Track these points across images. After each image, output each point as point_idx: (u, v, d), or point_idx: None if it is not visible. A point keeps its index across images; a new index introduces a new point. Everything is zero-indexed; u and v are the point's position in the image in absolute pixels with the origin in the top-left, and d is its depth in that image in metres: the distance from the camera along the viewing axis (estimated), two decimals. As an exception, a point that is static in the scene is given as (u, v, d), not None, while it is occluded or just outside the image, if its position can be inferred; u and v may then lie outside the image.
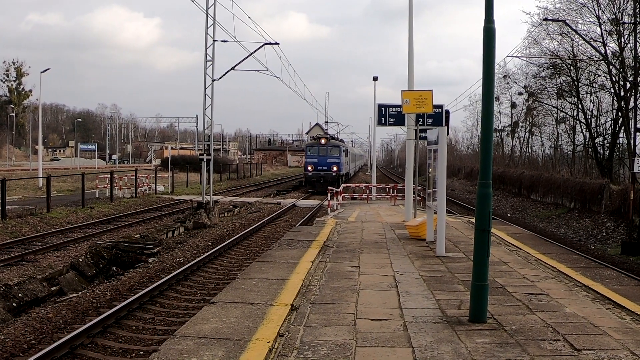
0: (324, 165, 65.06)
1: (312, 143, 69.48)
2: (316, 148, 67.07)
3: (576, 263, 16.11)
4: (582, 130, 58.46)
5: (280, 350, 8.56)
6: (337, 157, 66.60)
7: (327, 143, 67.30)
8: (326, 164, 65.25)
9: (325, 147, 66.73)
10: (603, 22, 47.82)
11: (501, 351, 8.52)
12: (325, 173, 64.64)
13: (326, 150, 66.49)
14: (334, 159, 66.16)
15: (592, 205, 39.15)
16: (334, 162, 65.81)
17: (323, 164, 65.22)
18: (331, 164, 65.36)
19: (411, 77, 26.57)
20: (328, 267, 14.91)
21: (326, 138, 68.78)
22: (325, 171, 64.82)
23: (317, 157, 65.85)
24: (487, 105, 10.28)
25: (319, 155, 65.99)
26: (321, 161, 65.47)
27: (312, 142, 70.58)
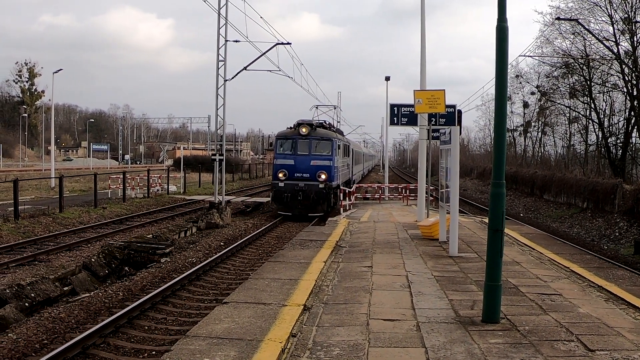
0: (305, 171, 37.58)
1: (286, 133, 39.31)
2: (292, 142, 38.40)
3: (589, 263, 16.05)
4: (595, 129, 58.28)
5: (292, 351, 8.55)
6: (327, 156, 38.36)
7: (312, 134, 38.49)
8: (308, 169, 37.68)
9: (308, 141, 38.30)
10: (615, 21, 47.68)
11: (514, 352, 8.49)
12: (308, 185, 37.12)
13: (309, 145, 38.30)
14: (323, 159, 38.15)
15: (605, 205, 38.99)
16: (323, 165, 37.89)
17: (303, 169, 37.73)
18: (317, 169, 37.56)
19: (423, 76, 26.53)
20: (340, 267, 14.90)
21: (310, 125, 38.89)
22: (307, 181, 37.32)
23: (294, 158, 37.91)
24: (500, 104, 10.23)
25: (296, 155, 37.97)
26: (300, 164, 37.80)
27: (286, 131, 39.75)
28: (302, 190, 37.03)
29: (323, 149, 38.41)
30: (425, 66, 26.82)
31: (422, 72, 26.72)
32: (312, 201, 37.11)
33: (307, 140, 38.25)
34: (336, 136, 40.90)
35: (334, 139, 38.97)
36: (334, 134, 41.31)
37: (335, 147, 38.67)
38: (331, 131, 42.10)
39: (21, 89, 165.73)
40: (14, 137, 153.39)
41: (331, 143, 38.50)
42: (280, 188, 37.34)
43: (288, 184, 37.31)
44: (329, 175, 37.63)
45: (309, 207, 37.10)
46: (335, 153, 38.71)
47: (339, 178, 40.95)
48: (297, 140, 38.11)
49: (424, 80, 26.44)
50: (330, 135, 39.42)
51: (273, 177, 39.07)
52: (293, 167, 37.56)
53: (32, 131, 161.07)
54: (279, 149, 38.65)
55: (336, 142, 39.36)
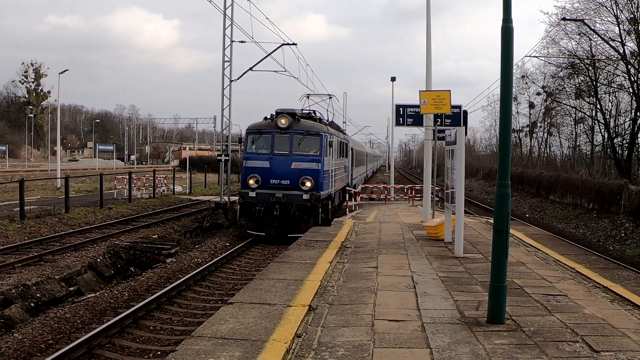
0: (284, 177, 29.35)
1: (260, 126, 30.91)
2: (267, 137, 30.29)
3: (595, 264, 16.02)
4: (601, 130, 58.21)
5: (297, 351, 8.55)
6: (314, 157, 29.81)
7: (294, 126, 30.06)
8: (289, 174, 29.37)
9: (289, 136, 29.98)
10: (621, 21, 47.63)
11: (519, 352, 8.48)
12: (288, 195, 28.92)
13: (290, 142, 29.94)
14: (309, 160, 29.65)
15: (610, 205, 38.93)
16: (308, 169, 29.48)
17: (282, 174, 29.39)
18: (301, 174, 29.28)
19: (429, 77, 26.51)
20: (346, 268, 14.89)
21: (291, 116, 30.35)
22: (286, 190, 29.07)
23: (270, 159, 29.66)
24: (506, 105, 10.23)
25: (272, 155, 29.72)
26: (278, 167, 29.54)
27: (260, 124, 31.19)
28: (280, 202, 28.21)
29: (309, 147, 29.51)
30: (430, 67, 26.81)
31: (427, 72, 26.70)
32: (293, 218, 28.03)
33: (287, 135, 29.37)
34: (327, 130, 31.41)
35: (323, 134, 29.86)
36: (325, 127, 31.70)
37: (324, 143, 29.69)
38: (322, 124, 32.57)
39: (27, 89, 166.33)
40: (20, 137, 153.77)
41: (320, 139, 29.51)
42: (250, 199, 28.48)
43: (261, 194, 28.40)
44: (316, 182, 28.67)
45: (289, 225, 28.04)
46: (325, 152, 29.84)
47: (331, 185, 31.79)
48: (275, 135, 29.31)
49: (430, 80, 26.43)
50: (319, 129, 30.10)
51: (241, 184, 29.53)
52: (268, 171, 28.71)
53: (38, 132, 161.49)
54: (249, 147, 29.83)
55: (327, 137, 30.21)
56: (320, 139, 29.80)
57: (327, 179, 30.68)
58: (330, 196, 32.27)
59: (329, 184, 31.28)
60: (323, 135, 30.06)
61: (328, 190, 31.30)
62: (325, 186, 30.33)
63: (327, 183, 30.90)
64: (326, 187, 30.59)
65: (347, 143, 43.72)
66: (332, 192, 32.52)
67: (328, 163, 30.94)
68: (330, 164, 31.69)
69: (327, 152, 30.55)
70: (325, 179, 30.14)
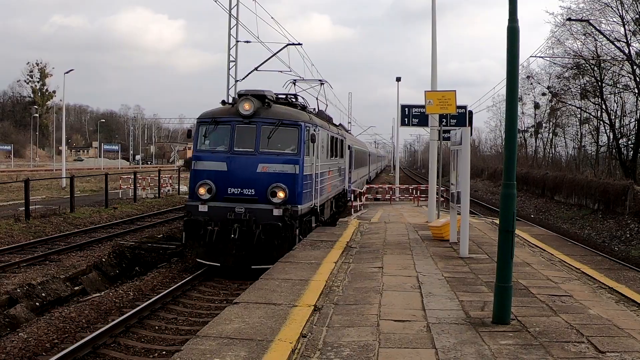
0: (248, 184, 21.05)
1: (217, 113, 22.23)
2: (225, 129, 21.86)
3: (600, 264, 16.00)
4: (606, 130, 58.08)
5: (303, 351, 8.56)
6: (289, 156, 21.54)
7: (262, 114, 21.57)
8: (254, 181, 21.06)
9: (255, 127, 21.45)
10: (627, 21, 47.53)
11: (525, 353, 8.47)
12: (252, 210, 20.62)
13: (256, 135, 21.39)
14: (282, 161, 21.42)
15: (616, 206, 38.86)
16: (281, 173, 21.19)
17: (244, 180, 21.08)
18: (271, 181, 20.97)
19: (434, 77, 26.50)
20: (351, 268, 14.89)
21: (258, 99, 21.72)
22: (250, 203, 20.77)
23: (228, 159, 21.34)
24: (511, 105, 10.23)
25: (231, 153, 21.35)
26: (239, 170, 21.27)
27: (217, 110, 22.52)
28: (241, 220, 20.11)
29: (284, 143, 21.48)
30: (436, 67, 26.79)
31: (432, 73, 26.69)
32: (259, 243, 19.95)
33: (252, 126, 21.12)
34: (311, 120, 23.14)
35: (304, 124, 21.61)
36: (307, 115, 23.57)
37: (304, 137, 21.37)
38: (303, 112, 24.49)
39: (32, 89, 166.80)
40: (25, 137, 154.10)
41: (298, 131, 21.33)
42: (199, 215, 20.52)
43: (215, 208, 20.56)
44: (292, 191, 20.67)
45: (253, 253, 20.20)
46: (306, 149, 21.67)
47: (315, 195, 23.18)
48: (235, 126, 21.22)
49: (435, 81, 26.41)
50: (298, 118, 21.89)
51: (189, 194, 21.82)
52: (225, 176, 20.84)
53: (43, 131, 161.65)
54: (200, 142, 21.88)
55: (309, 129, 21.95)
56: (299, 132, 21.29)
57: (309, 187, 22.11)
58: (314, 210, 23.23)
59: (311, 193, 22.61)
60: (303, 126, 21.49)
61: (310, 202, 22.55)
62: (307, 197, 21.83)
63: (309, 192, 22.37)
64: (307, 198, 22.01)
65: (343, 140, 35.21)
66: (317, 204, 23.42)
67: (311, 165, 22.38)
68: (315, 166, 22.96)
69: (310, 149, 22.19)
70: (306, 187, 21.64)
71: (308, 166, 21.94)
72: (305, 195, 21.72)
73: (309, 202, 22.30)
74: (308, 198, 22.17)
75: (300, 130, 21.44)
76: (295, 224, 20.59)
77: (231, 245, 20.16)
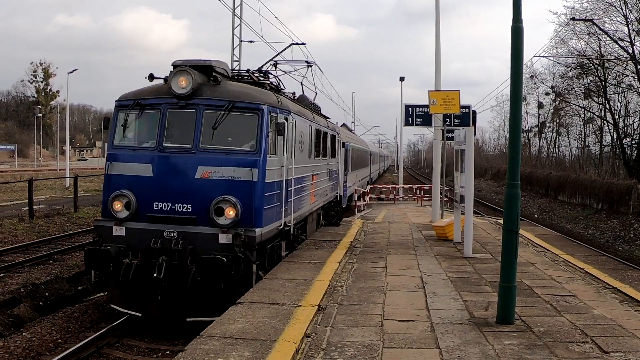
0: (182, 197, 14.18)
1: (140, 95, 15.23)
2: (154, 116, 14.85)
3: (604, 264, 15.99)
4: (610, 130, 58.06)
5: (307, 351, 8.56)
6: (245, 157, 14.39)
7: (207, 93, 14.56)
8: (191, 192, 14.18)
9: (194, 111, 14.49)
10: (630, 21, 47.47)
11: (529, 353, 8.47)
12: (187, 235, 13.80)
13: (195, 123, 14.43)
14: (233, 164, 14.25)
15: (619, 206, 38.80)
16: (232, 180, 14.17)
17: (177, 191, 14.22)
18: (214, 192, 14.04)
19: (438, 77, 26.50)
20: (355, 268, 14.89)
21: (202, 71, 14.83)
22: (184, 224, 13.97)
23: (154, 160, 14.53)
24: (515, 105, 10.22)
25: (159, 151, 14.53)
26: (170, 176, 14.32)
27: (144, 90, 15.40)
28: (171, 250, 13.85)
29: (236, 136, 15.02)
30: (440, 67, 26.81)
31: (436, 72, 26.69)
32: (195, 285, 13.66)
33: (190, 112, 14.75)
34: (280, 104, 16.18)
35: (266, 108, 14.94)
36: (274, 97, 16.14)
37: (265, 127, 14.81)
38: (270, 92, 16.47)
39: (36, 89, 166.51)
40: (29, 137, 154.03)
41: (259, 118, 14.80)
42: (113, 241, 14.39)
43: (136, 231, 14.36)
44: (248, 207, 14.30)
45: (188, 299, 14.03)
46: (269, 146, 15.06)
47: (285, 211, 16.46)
48: (166, 111, 14.86)
49: (439, 80, 26.42)
50: (260, 99, 15.12)
51: (102, 210, 15.37)
52: (150, 184, 14.63)
53: (46, 131, 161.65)
54: (118, 136, 15.59)
55: (275, 117, 15.45)
56: (260, 119, 14.61)
57: (275, 200, 15.45)
58: (285, 232, 16.27)
59: (280, 208, 15.85)
60: (266, 111, 14.71)
61: (279, 221, 15.77)
62: (271, 214, 15.21)
63: (277, 208, 15.65)
64: (273, 215, 15.36)
65: (336, 136, 28.65)
66: (290, 223, 16.71)
67: (280, 168, 15.78)
68: (287, 170, 16.41)
69: (278, 146, 15.67)
70: (270, 201, 15.04)
71: (274, 170, 15.19)
72: (270, 212, 14.86)
73: (275, 222, 15.32)
74: (274, 216, 15.31)
75: (261, 117, 14.51)
76: (251, 256, 13.65)
77: (157, 287, 13.56)
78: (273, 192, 15.22)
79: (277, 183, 15.51)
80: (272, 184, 15.07)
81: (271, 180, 14.95)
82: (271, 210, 15.05)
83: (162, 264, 13.43)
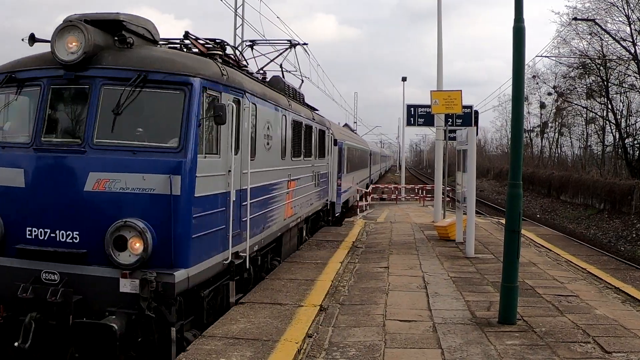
0: (66, 222, 9.03)
1: (18, 66, 10.06)
2: (32, 95, 9.78)
3: (606, 264, 16.00)
4: (612, 130, 57.88)
5: (308, 351, 8.56)
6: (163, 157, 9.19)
7: (107, 61, 9.42)
8: (79, 213, 8.99)
9: (86, 86, 9.37)
10: (633, 21, 47.35)
11: (531, 353, 8.47)
12: (74, 278, 8.77)
13: (89, 107, 9.26)
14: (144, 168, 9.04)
15: (622, 206, 38.74)
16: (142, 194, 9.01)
17: (57, 211, 9.04)
18: (116, 212, 8.91)
19: (440, 77, 26.50)
20: (357, 268, 14.89)
21: (105, 27, 9.67)
22: (67, 261, 8.91)
23: (29, 161, 9.38)
24: (517, 105, 10.22)
25: (35, 149, 9.39)
26: (48, 187, 9.14)
27: (21, 61, 10.23)
28: (47, 304, 8.55)
29: (150, 125, 9.64)
30: (442, 67, 26.81)
31: (438, 72, 26.69)
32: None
33: (80, 88, 9.56)
34: (224, 77, 10.63)
35: (198, 82, 9.59)
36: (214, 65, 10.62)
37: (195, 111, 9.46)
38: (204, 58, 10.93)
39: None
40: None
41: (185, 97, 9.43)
42: None
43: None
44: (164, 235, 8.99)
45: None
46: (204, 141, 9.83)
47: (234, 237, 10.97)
48: (48, 88, 9.64)
49: (441, 80, 26.43)
50: (188, 68, 9.66)
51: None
52: (21, 199, 9.31)
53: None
54: None
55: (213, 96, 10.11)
56: (188, 99, 9.50)
57: (215, 223, 10.33)
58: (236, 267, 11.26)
59: (224, 234, 10.72)
60: (196, 85, 9.62)
61: (223, 253, 10.70)
62: (208, 246, 10.10)
63: (220, 234, 10.59)
64: (211, 247, 10.26)
65: (325, 131, 23.96)
66: (245, 254, 11.65)
67: (223, 175, 10.70)
68: (242, 177, 11.66)
69: (222, 141, 10.64)
70: (207, 225, 10.01)
71: (213, 177, 10.19)
72: (205, 241, 9.85)
73: (215, 256, 10.35)
74: (214, 245, 10.31)
75: (189, 96, 9.51)
76: (169, 314, 8.96)
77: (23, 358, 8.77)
78: (211, 210, 10.05)
79: (218, 197, 10.34)
80: (208, 198, 9.92)
81: (207, 194, 9.84)
82: (208, 238, 9.92)
83: (31, 326, 8.51)
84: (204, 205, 9.69)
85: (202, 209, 9.65)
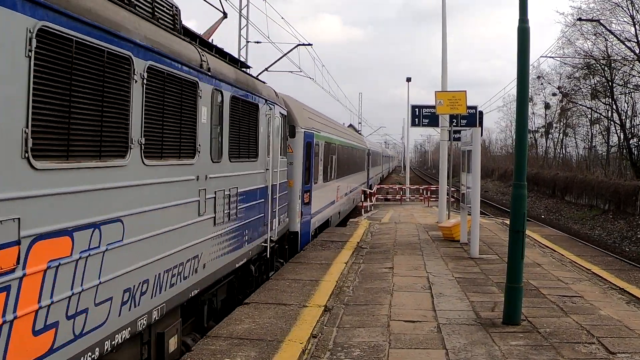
0: None
1: None
2: None
3: (611, 265, 15.98)
4: (617, 131, 57.88)
5: (313, 352, 8.57)
6: None
7: None
8: None
9: None
10: (637, 21, 47.35)
11: (535, 354, 8.47)
12: None
13: None
14: None
15: (626, 207, 38.71)
16: None
17: None
18: None
19: (445, 78, 26.48)
20: (361, 268, 14.90)
21: None
22: None
23: None
24: (522, 105, 10.23)
25: None
26: None
27: None
28: None
29: None
30: (446, 67, 26.77)
31: (443, 73, 26.67)
32: None
33: None
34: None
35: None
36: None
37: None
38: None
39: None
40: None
41: None
42: None
43: None
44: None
45: None
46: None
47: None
48: None
49: (445, 81, 26.40)
50: None
51: None
52: None
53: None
54: None
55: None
56: None
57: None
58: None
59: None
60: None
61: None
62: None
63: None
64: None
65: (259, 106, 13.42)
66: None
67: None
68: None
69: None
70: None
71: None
72: None
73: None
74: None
75: None
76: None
77: None
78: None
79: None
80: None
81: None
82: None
83: None
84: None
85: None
